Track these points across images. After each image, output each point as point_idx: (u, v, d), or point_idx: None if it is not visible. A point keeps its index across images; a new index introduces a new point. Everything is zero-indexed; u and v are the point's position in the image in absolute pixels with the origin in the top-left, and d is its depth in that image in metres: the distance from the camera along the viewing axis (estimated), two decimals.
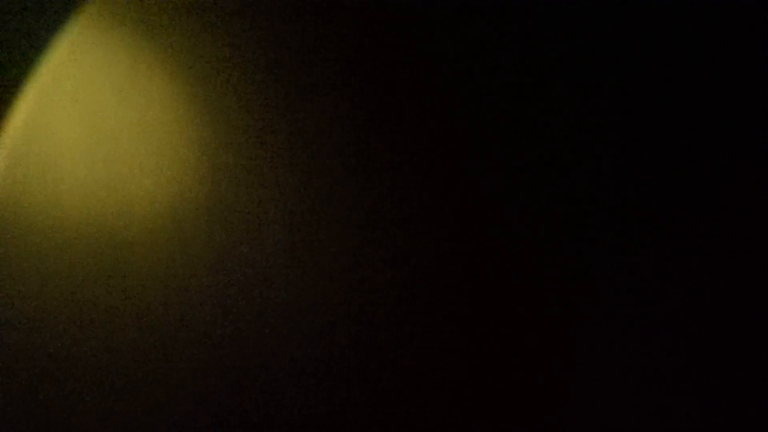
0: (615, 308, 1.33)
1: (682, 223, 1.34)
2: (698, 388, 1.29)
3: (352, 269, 1.34)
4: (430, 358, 1.32)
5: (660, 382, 1.30)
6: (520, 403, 1.30)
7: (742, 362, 1.29)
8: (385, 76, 1.33)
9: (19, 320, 1.24)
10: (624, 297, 1.33)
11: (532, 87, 1.38)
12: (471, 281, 1.34)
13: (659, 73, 1.36)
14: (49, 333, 1.23)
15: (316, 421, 1.30)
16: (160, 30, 1.23)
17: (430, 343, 1.32)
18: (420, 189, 1.37)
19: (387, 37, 1.33)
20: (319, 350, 1.31)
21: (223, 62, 1.25)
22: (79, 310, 1.23)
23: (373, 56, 1.32)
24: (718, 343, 1.30)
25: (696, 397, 1.29)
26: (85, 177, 1.24)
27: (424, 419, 1.30)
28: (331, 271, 1.32)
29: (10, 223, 1.23)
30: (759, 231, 1.32)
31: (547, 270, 1.34)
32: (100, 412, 1.23)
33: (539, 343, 1.32)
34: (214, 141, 1.24)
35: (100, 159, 1.24)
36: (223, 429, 1.26)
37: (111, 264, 1.23)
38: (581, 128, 1.37)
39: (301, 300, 1.32)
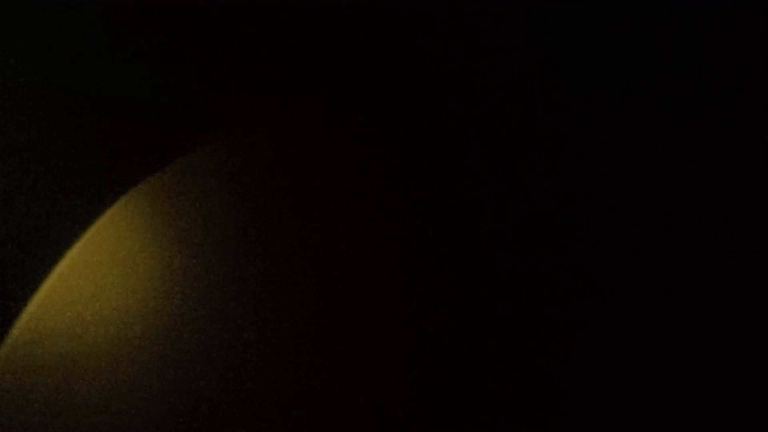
0: (615, 308, 1.32)
1: (682, 223, 1.34)
2: (698, 388, 1.29)
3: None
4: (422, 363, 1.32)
5: (660, 383, 1.29)
6: (517, 404, 1.30)
7: (741, 362, 1.29)
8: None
9: None
10: (624, 297, 1.33)
11: (531, 88, 1.38)
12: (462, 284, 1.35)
13: (659, 73, 1.37)
14: None
15: None
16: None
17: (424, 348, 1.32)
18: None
19: None
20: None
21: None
22: None
23: None
24: (718, 343, 1.30)
25: (696, 397, 1.29)
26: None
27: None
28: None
29: None
30: (759, 231, 1.32)
31: (545, 271, 1.35)
32: None
33: (536, 343, 1.32)
34: None
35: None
36: None
37: None
38: (581, 128, 1.37)
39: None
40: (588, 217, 1.35)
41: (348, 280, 1.34)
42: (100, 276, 1.34)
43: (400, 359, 1.29)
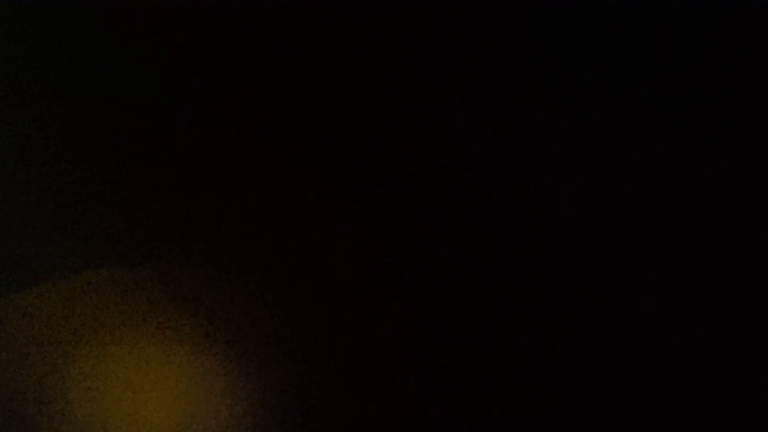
0: (615, 308, 1.33)
1: (681, 224, 1.34)
2: (697, 388, 1.29)
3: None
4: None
5: (659, 383, 1.30)
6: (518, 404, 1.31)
7: (741, 362, 1.29)
8: None
9: None
10: (624, 297, 1.33)
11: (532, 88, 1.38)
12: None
13: (659, 74, 1.36)
14: None
15: None
16: None
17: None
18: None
19: None
20: None
21: None
22: None
23: None
24: (718, 343, 1.30)
25: (695, 397, 1.29)
26: None
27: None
28: None
29: None
30: (759, 231, 1.32)
31: (547, 270, 1.35)
32: None
33: (538, 343, 1.32)
34: None
35: None
36: None
37: None
38: (581, 128, 1.37)
39: None
40: (588, 217, 1.35)
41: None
42: None
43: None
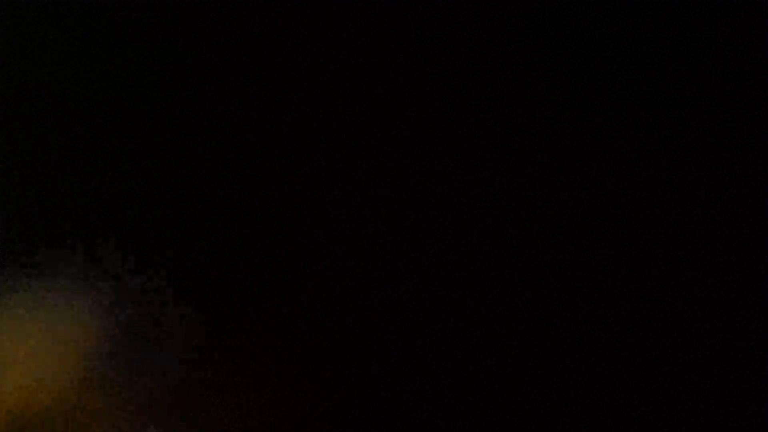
0: (615, 308, 1.33)
1: (681, 224, 1.34)
2: (696, 388, 1.29)
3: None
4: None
5: (659, 383, 1.30)
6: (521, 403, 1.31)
7: (741, 363, 1.29)
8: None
9: None
10: (624, 297, 1.33)
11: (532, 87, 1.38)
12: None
13: (659, 74, 1.37)
14: None
15: None
16: None
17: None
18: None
19: None
20: None
21: None
22: None
23: None
24: (717, 343, 1.30)
25: (694, 397, 1.29)
26: None
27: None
28: None
29: None
30: (758, 231, 1.32)
31: (548, 270, 1.35)
32: None
33: (541, 343, 1.32)
34: None
35: None
36: None
37: None
38: (581, 128, 1.37)
39: None
40: (588, 217, 1.35)
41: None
42: None
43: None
